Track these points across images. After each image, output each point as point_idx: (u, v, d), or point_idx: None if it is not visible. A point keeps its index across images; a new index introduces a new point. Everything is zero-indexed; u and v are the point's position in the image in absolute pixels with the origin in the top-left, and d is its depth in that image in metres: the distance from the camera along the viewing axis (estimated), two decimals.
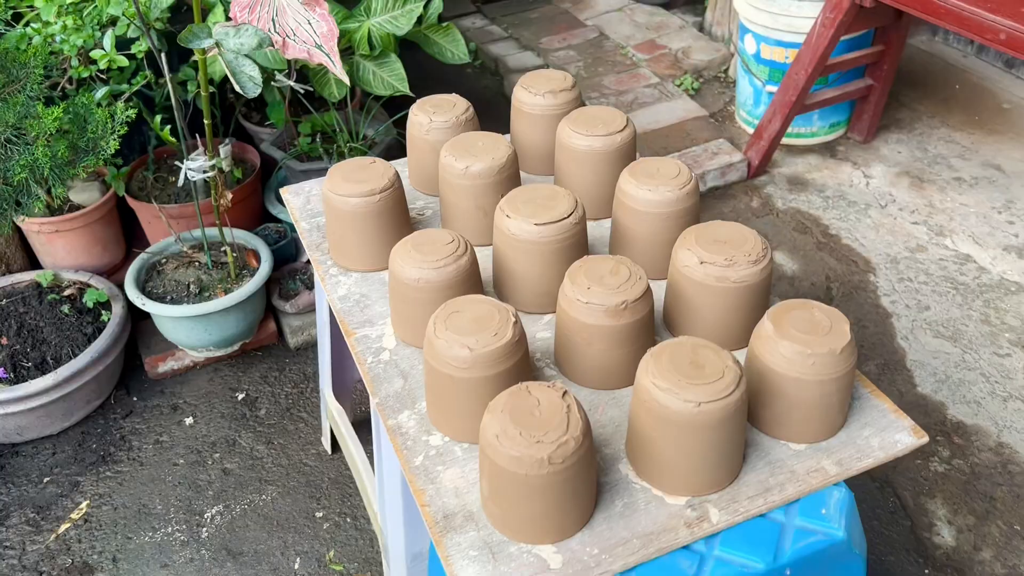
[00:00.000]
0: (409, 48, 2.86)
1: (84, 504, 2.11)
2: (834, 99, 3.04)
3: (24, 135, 1.82)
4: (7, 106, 1.79)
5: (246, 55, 1.74)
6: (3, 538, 2.05)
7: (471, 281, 1.31)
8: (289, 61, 2.46)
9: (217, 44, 1.77)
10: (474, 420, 1.15)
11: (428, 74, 3.40)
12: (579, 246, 1.36)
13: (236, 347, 2.42)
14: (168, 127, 2.01)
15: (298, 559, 1.98)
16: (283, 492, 2.13)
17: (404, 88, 2.60)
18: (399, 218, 1.49)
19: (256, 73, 1.75)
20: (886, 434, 1.19)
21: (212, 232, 2.39)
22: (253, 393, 2.39)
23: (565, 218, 1.33)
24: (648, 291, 1.23)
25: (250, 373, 2.44)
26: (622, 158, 1.54)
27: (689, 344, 1.11)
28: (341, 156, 2.51)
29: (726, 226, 1.31)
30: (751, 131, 3.24)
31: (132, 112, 1.93)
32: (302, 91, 2.40)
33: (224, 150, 2.47)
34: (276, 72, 2.42)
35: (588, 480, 1.06)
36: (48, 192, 1.90)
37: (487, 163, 1.47)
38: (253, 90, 1.72)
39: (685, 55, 3.67)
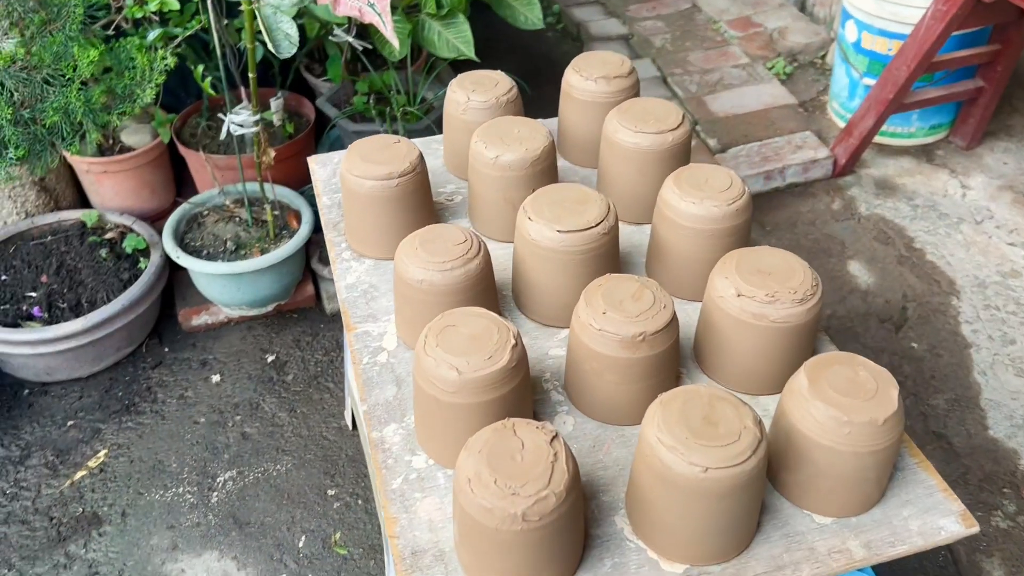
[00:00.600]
0: (482, 10, 2.72)
1: (102, 453, 2.10)
2: (938, 99, 2.78)
3: (62, 76, 1.76)
4: (45, 45, 1.73)
5: (284, 11, 1.63)
6: (21, 478, 2.04)
7: (480, 287, 1.18)
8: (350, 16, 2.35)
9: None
10: (460, 447, 1.04)
11: (501, 37, 3.24)
12: (606, 258, 1.22)
13: (271, 307, 2.36)
14: (208, 78, 1.92)
15: (304, 536, 1.92)
16: (299, 464, 2.07)
17: (469, 51, 2.46)
18: (419, 205, 1.37)
19: (293, 31, 1.64)
20: (929, 517, 1.03)
21: (256, 187, 2.32)
22: (283, 356, 2.33)
23: (592, 227, 1.19)
24: (672, 323, 1.08)
25: (283, 335, 2.38)
26: (672, 159, 1.39)
27: (706, 396, 0.96)
28: (394, 119, 2.40)
29: (775, 254, 1.15)
30: (842, 125, 3.00)
31: (172, 60, 1.85)
32: (360, 48, 2.30)
33: (275, 103, 2.38)
34: (335, 26, 2.31)
35: (571, 540, 0.94)
36: (82, 137, 1.84)
37: (519, 154, 1.34)
38: (288, 48, 1.62)
39: (781, 36, 3.42)
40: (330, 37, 2.32)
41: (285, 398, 2.22)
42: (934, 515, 1.03)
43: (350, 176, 1.33)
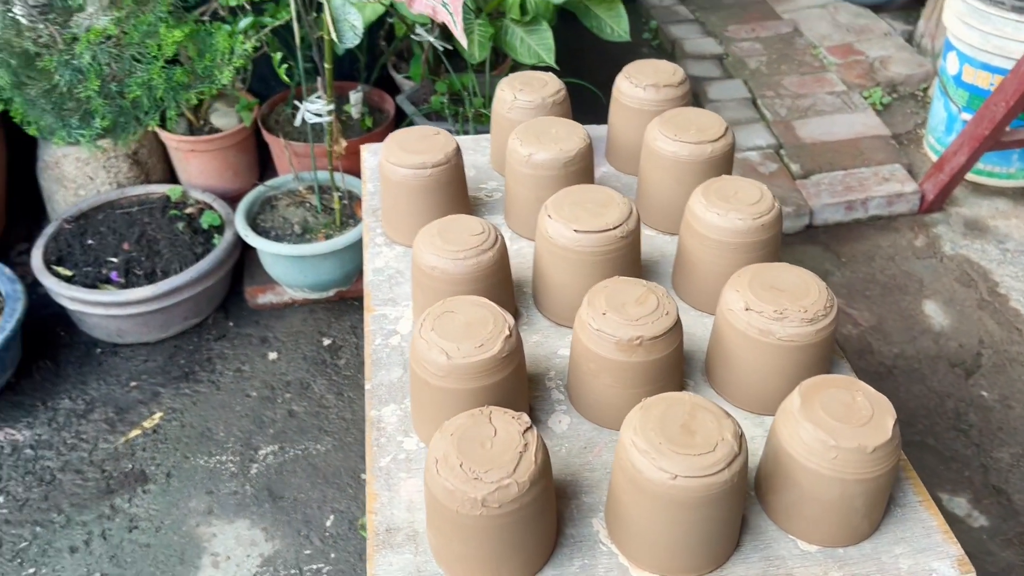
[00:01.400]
0: (571, 20, 2.73)
1: (158, 415, 2.20)
2: None
3: (149, 54, 1.86)
4: (136, 24, 1.83)
5: (352, 3, 1.69)
6: (82, 431, 2.16)
7: (493, 280, 1.19)
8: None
9: None
10: None
11: (590, 47, 3.25)
12: (623, 262, 1.21)
13: (332, 292, 2.43)
14: (285, 66, 2.00)
15: (332, 516, 1.97)
16: (338, 446, 2.12)
17: (549, 59, 2.48)
18: (453, 196, 1.39)
19: (359, 23, 1.69)
20: (923, 558, 0.98)
21: (327, 175, 2.39)
22: (339, 341, 2.39)
23: (610, 229, 1.19)
24: (674, 330, 1.06)
25: (341, 321, 2.44)
26: (711, 171, 1.36)
27: (689, 403, 0.95)
28: (466, 120, 2.43)
29: (792, 271, 1.12)
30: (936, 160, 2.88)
31: (250, 45, 1.93)
32: (441, 48, 2.35)
33: (355, 96, 2.46)
34: (418, 25, 2.37)
35: (535, 533, 0.93)
36: (162, 113, 1.94)
37: (553, 153, 1.34)
38: (352, 39, 1.67)
39: (882, 65, 3.31)
40: (412, 36, 2.38)
41: (335, 381, 2.28)
42: (928, 556, 0.98)
43: (387, 163, 1.36)
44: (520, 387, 1.09)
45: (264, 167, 2.72)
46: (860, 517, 0.97)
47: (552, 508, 0.97)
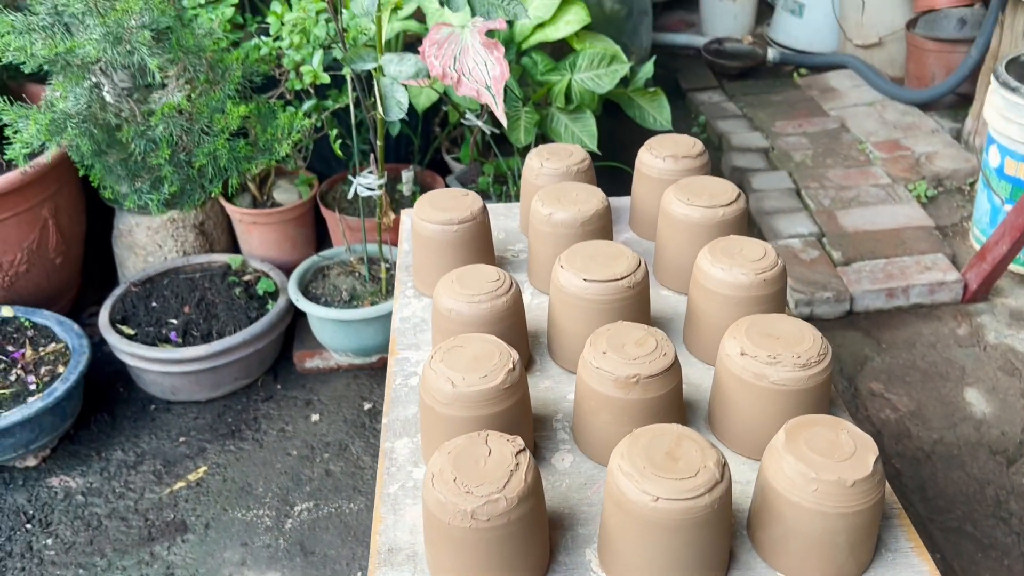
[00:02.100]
0: (615, 110, 2.87)
1: (202, 469, 2.29)
2: None
3: (216, 127, 2.03)
4: (206, 100, 2.01)
5: (400, 82, 1.83)
6: (131, 480, 2.26)
7: (506, 324, 1.27)
8: (483, 103, 2.56)
9: (379, 68, 1.88)
10: None
11: (636, 136, 3.38)
12: (631, 311, 1.28)
13: (375, 358, 2.52)
14: (340, 142, 2.15)
15: (360, 573, 2.00)
16: (370, 506, 2.17)
17: (592, 144, 2.61)
18: (478, 251, 1.48)
19: (404, 99, 1.83)
20: None
21: (376, 248, 2.52)
22: (379, 406, 2.46)
23: (618, 279, 1.26)
24: (671, 370, 1.12)
25: (382, 387, 2.52)
26: (722, 234, 1.43)
27: (676, 433, 0.99)
28: (509, 199, 2.55)
29: (789, 323, 1.17)
30: None
31: (308, 122, 2.09)
32: (489, 132, 2.49)
33: (407, 175, 2.61)
34: (468, 111, 2.52)
35: (523, 551, 0.97)
36: (224, 182, 2.10)
37: (572, 213, 1.43)
38: (396, 113, 1.81)
39: (928, 160, 3.35)
40: (463, 120, 2.53)
41: (372, 443, 2.35)
42: None
43: (418, 219, 1.47)
44: (523, 420, 1.14)
45: (320, 241, 2.87)
46: (845, 555, 0.98)
47: (543, 530, 1.01)
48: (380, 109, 1.81)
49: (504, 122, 1.89)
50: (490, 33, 2.31)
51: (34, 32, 1.92)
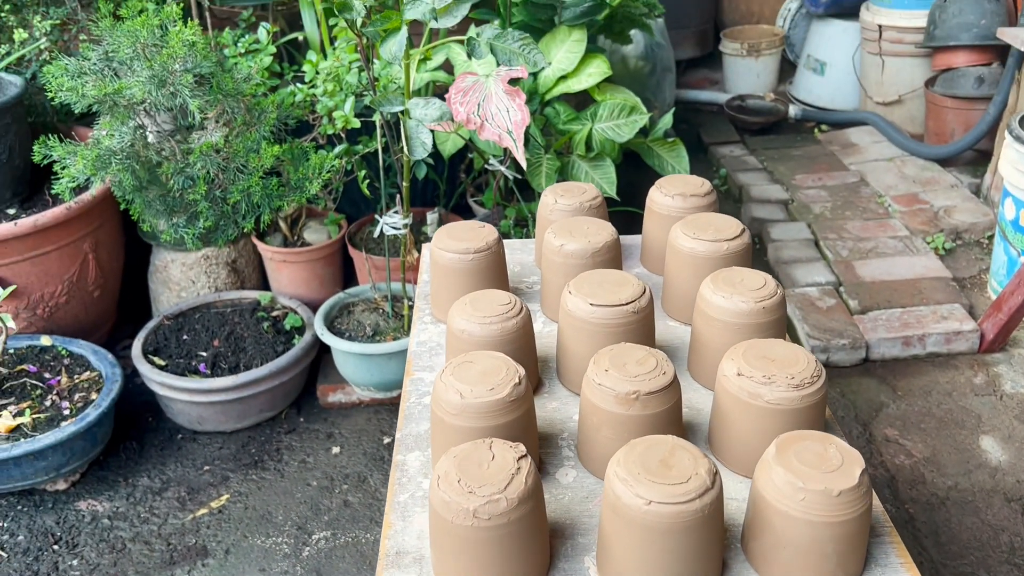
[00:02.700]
0: (635, 158, 2.96)
1: (225, 497, 2.35)
2: None
3: (250, 166, 2.15)
4: (243, 140, 2.13)
5: (425, 124, 1.93)
6: (156, 506, 2.33)
7: (516, 345, 1.33)
8: (505, 148, 2.66)
9: (406, 111, 1.99)
10: None
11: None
12: (635, 335, 1.33)
13: (395, 393, 2.58)
14: (367, 182, 2.25)
15: None
16: None
17: (611, 191, 2.69)
18: (492, 279, 1.55)
19: (428, 140, 1.93)
20: None
21: (399, 286, 2.60)
22: None
23: (623, 304, 1.32)
24: (670, 388, 1.17)
25: None
26: (726, 266, 1.49)
27: (671, 443, 1.04)
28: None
29: (785, 347, 1.22)
30: None
31: (337, 163, 2.20)
32: (511, 177, 2.59)
33: (431, 217, 2.70)
34: (492, 156, 2.62)
35: (523, 551, 1.02)
36: (257, 219, 2.20)
37: (582, 244, 1.50)
38: (421, 153, 1.90)
39: (947, 214, 3.40)
40: (486, 166, 2.63)
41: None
42: None
43: (436, 249, 1.55)
44: (528, 433, 1.20)
45: (347, 280, 2.96)
46: (833, 565, 1.02)
47: (543, 534, 1.06)
48: (406, 149, 1.91)
49: (524, 164, 1.98)
50: (513, 81, 2.42)
51: (86, 75, 2.05)
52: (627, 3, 2.87)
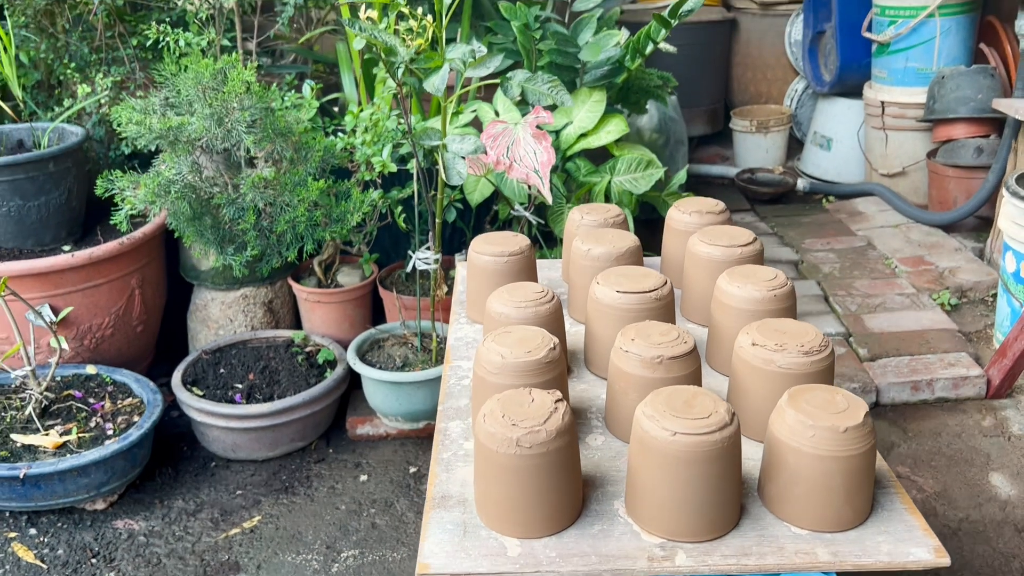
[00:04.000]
0: (653, 210, 3.13)
1: (257, 518, 2.43)
2: None
3: (296, 200, 2.32)
4: (290, 175, 2.31)
5: (460, 156, 2.11)
6: (189, 526, 2.41)
7: (549, 329, 1.45)
8: (530, 196, 2.84)
9: (444, 145, 2.16)
10: None
11: None
12: (658, 320, 1.46)
13: (422, 424, 2.68)
14: (403, 216, 2.42)
15: None
16: (412, 555, 2.28)
17: None
18: (525, 280, 1.68)
19: (464, 170, 2.10)
20: (902, 545, 1.11)
21: (428, 324, 2.74)
22: (424, 470, 2.61)
23: (648, 291, 1.45)
24: (691, 355, 1.29)
25: (427, 453, 2.67)
26: None
27: (692, 390, 1.16)
28: None
29: (795, 324, 1.34)
30: None
31: (377, 195, 2.37)
32: (536, 222, 2.75)
33: (460, 257, 2.86)
34: (517, 204, 2.79)
35: (559, 477, 1.13)
36: (300, 250, 2.36)
37: (607, 248, 1.64)
38: (456, 180, 2.07)
39: (952, 274, 3.53)
40: (511, 212, 2.80)
41: (416, 502, 2.48)
42: (908, 544, 1.11)
43: (473, 253, 1.69)
44: (564, 396, 1.31)
45: (376, 322, 3.09)
46: (840, 500, 1.12)
47: (577, 472, 1.17)
48: (443, 175, 2.07)
49: (549, 199, 2.14)
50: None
51: (152, 114, 2.25)
52: (643, 74, 3.09)
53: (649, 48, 2.84)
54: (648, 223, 3.31)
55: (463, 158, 2.10)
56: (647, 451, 1.11)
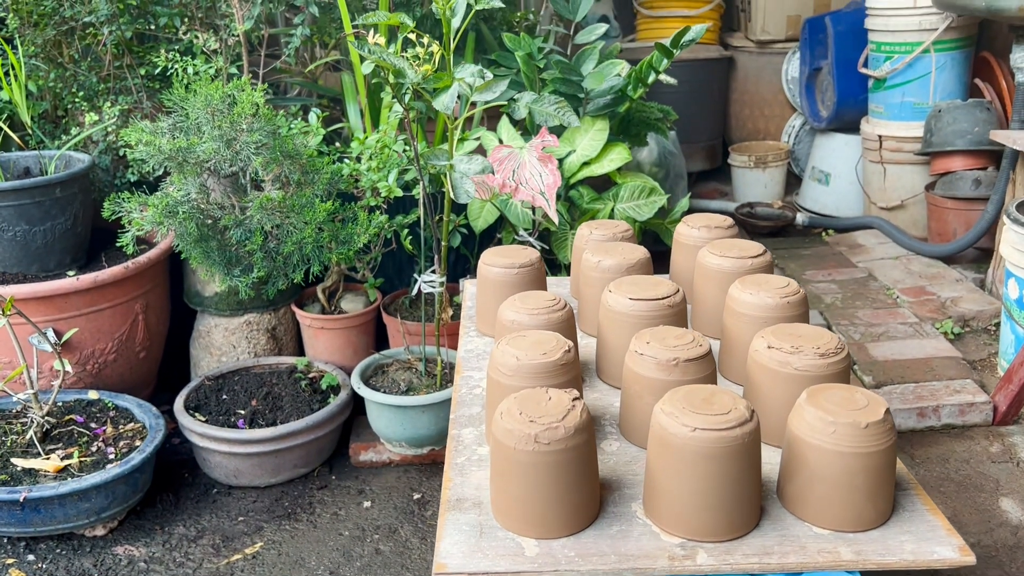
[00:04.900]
0: (655, 234, 3.15)
1: (259, 544, 2.39)
2: None
3: (304, 221, 2.32)
4: (297, 197, 2.32)
5: (468, 176, 2.12)
6: (191, 552, 2.37)
7: (561, 335, 1.45)
8: (534, 221, 2.85)
9: (451, 166, 2.18)
10: None
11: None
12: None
13: (425, 450, 2.66)
14: (409, 238, 2.42)
15: None
16: None
17: None
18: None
19: (471, 189, 2.11)
20: (926, 544, 1.10)
21: (432, 349, 2.73)
22: (427, 496, 2.58)
23: (659, 298, 1.45)
24: (707, 358, 1.29)
25: (431, 480, 2.64)
26: None
27: (711, 388, 1.15)
28: None
29: (809, 327, 1.34)
30: None
31: (384, 219, 2.38)
32: (539, 247, 2.76)
33: (464, 282, 2.86)
34: (522, 229, 2.80)
35: (577, 476, 1.12)
36: (306, 271, 2.36)
37: (617, 260, 1.64)
38: (465, 198, 2.08)
39: (954, 303, 3.53)
40: (515, 237, 2.81)
41: (420, 528, 2.45)
42: (931, 543, 1.10)
43: (483, 265, 1.69)
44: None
45: (380, 349, 3.08)
46: (863, 498, 1.11)
47: (594, 471, 1.16)
48: (451, 194, 2.08)
49: (555, 219, 2.15)
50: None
51: (161, 135, 2.27)
52: (643, 107, 3.12)
53: (651, 77, 2.88)
54: (654, 254, 3.32)
55: (470, 178, 2.11)
56: (666, 449, 1.10)
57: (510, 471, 1.11)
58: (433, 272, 2.50)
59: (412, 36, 2.20)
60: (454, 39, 2.19)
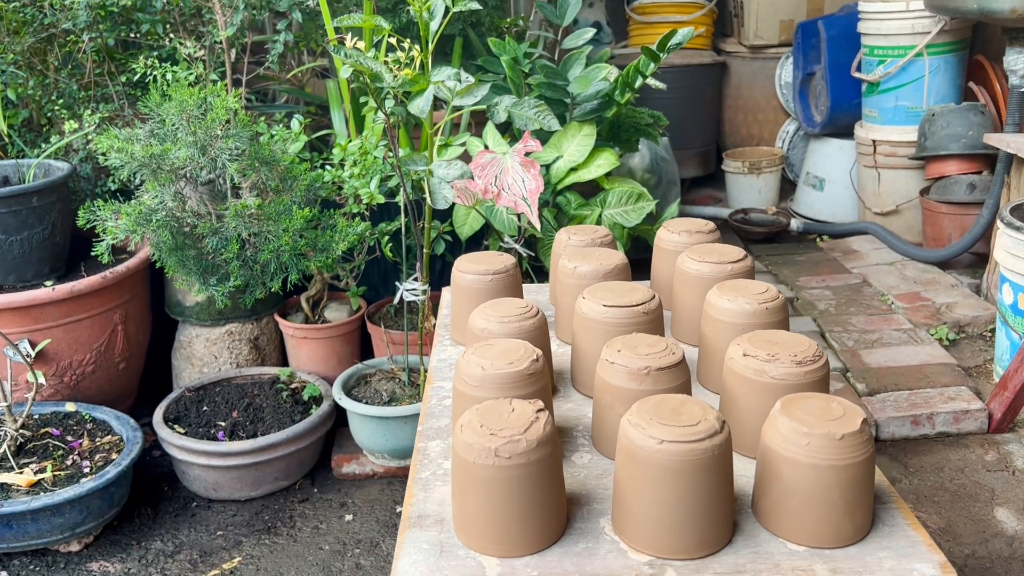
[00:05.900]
0: (645, 249, 3.09)
1: (237, 559, 2.34)
2: None
3: (281, 228, 2.28)
4: (275, 204, 2.27)
5: (447, 181, 2.08)
6: (167, 568, 2.32)
7: (533, 344, 1.40)
8: (520, 228, 2.80)
9: (430, 171, 2.13)
10: None
11: None
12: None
13: (408, 462, 2.60)
14: (390, 245, 2.38)
15: None
16: None
17: None
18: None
19: (449, 194, 2.07)
20: (906, 561, 1.05)
21: (415, 359, 2.68)
22: None
23: (633, 305, 1.40)
24: (679, 366, 1.24)
25: None
26: None
27: (680, 398, 1.10)
28: None
29: (788, 335, 1.29)
30: None
31: (364, 227, 2.33)
32: (525, 255, 2.71)
33: (446, 290, 2.82)
34: (507, 236, 2.76)
35: (540, 491, 1.07)
36: (284, 280, 2.31)
37: (594, 266, 1.60)
38: (442, 204, 2.04)
39: (949, 309, 3.48)
40: (501, 244, 2.76)
41: None
42: (912, 559, 1.05)
43: (457, 272, 1.65)
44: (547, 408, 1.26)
45: (365, 358, 3.03)
46: (840, 513, 1.06)
47: (560, 484, 1.11)
48: (430, 200, 2.04)
49: (538, 225, 2.10)
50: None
51: (136, 142, 2.22)
52: (633, 112, 3.08)
53: (638, 82, 2.83)
54: (641, 262, 3.27)
55: (449, 183, 2.07)
56: (633, 462, 1.05)
57: (470, 487, 1.06)
58: (415, 280, 2.46)
59: (393, 41, 2.16)
60: (432, 41, 2.15)
